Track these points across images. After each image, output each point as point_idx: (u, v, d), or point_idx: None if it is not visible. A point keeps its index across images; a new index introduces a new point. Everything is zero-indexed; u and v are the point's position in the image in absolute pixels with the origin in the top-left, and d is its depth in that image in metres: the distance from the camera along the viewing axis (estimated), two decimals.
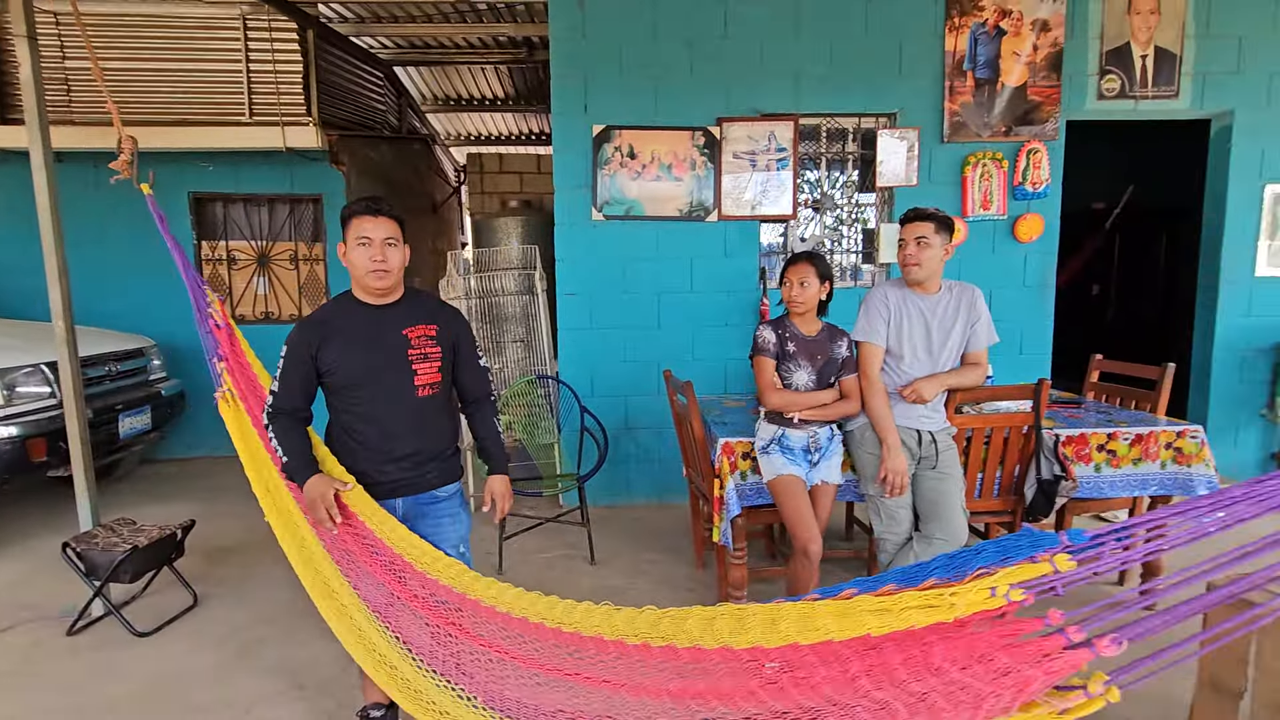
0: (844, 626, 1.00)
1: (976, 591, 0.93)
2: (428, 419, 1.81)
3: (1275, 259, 4.12)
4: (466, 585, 1.29)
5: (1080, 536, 0.95)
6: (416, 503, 1.83)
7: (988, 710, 0.89)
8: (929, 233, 2.27)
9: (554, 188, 3.89)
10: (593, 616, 1.15)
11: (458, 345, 1.88)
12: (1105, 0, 3.87)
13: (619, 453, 4.00)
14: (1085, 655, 0.87)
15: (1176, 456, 2.69)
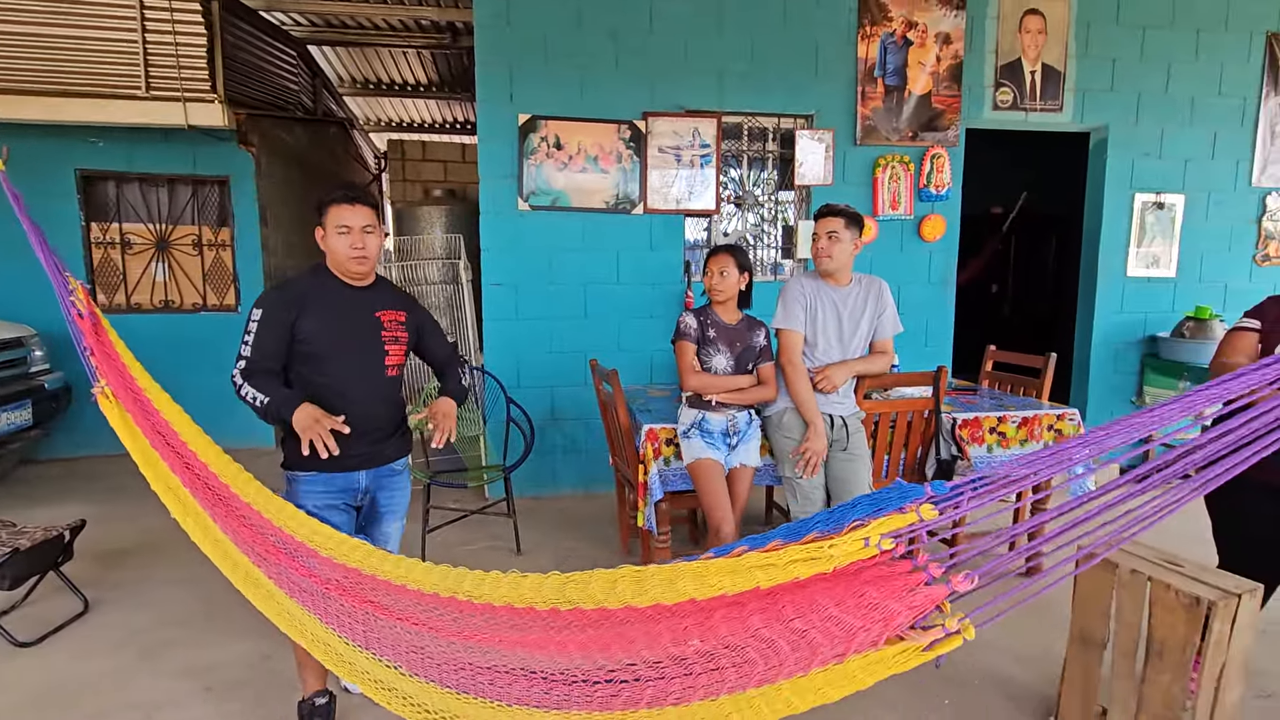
0: (736, 582, 1.07)
1: (851, 542, 1.02)
2: (390, 397, 1.94)
3: (1143, 262, 4.57)
4: (375, 566, 1.30)
5: (942, 488, 1.05)
6: (377, 475, 1.93)
7: (858, 643, 0.98)
8: (839, 228, 2.42)
9: (479, 177, 3.84)
10: (500, 587, 1.19)
11: (422, 329, 2.03)
12: (1000, 18, 4.17)
13: (545, 443, 4.00)
14: (943, 591, 0.97)
15: (1057, 437, 2.95)
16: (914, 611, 0.97)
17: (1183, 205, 4.51)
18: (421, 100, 7.19)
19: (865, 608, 0.99)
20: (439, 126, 8.06)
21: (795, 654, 1.01)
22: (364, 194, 1.82)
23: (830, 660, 1.00)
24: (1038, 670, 2.25)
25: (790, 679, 1.03)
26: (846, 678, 1.01)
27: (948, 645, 0.97)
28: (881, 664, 0.99)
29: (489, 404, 3.80)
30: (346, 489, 1.90)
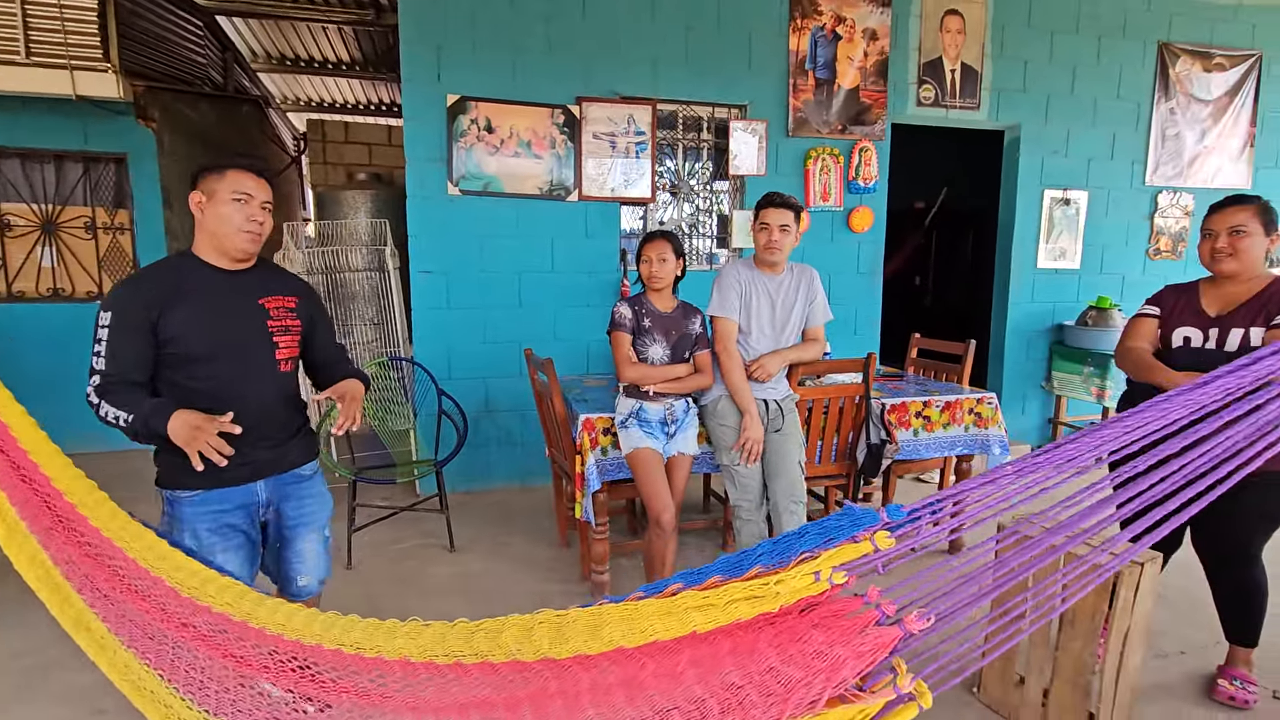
0: (669, 626, 0.92)
1: (800, 577, 0.90)
2: (288, 395, 1.73)
3: (1051, 255, 4.85)
4: (248, 611, 1.08)
5: (898, 513, 0.95)
6: (280, 483, 1.72)
7: (796, 701, 0.83)
8: (791, 221, 2.46)
9: (405, 159, 3.68)
10: (396, 637, 1.01)
11: (315, 322, 1.80)
12: (922, 17, 4.32)
13: (479, 436, 3.90)
14: (895, 633, 0.84)
15: (976, 421, 3.10)
16: (862, 660, 0.83)
17: (1086, 202, 4.81)
18: (344, 79, 6.84)
19: (808, 656, 0.85)
20: (363, 108, 7.70)
21: (725, 717, 0.86)
22: (268, 170, 1.62)
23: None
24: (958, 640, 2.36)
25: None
26: None
27: (901, 715, 0.83)
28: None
29: (419, 396, 3.66)
30: (244, 505, 1.65)
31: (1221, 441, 0.99)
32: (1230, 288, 1.98)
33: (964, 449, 3.10)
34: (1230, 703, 2.05)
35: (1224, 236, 1.93)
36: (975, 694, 2.10)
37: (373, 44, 5.86)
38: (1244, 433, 0.98)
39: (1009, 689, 2.00)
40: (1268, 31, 4.93)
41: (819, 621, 0.88)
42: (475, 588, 2.82)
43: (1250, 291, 1.94)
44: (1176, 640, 2.40)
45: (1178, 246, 5.05)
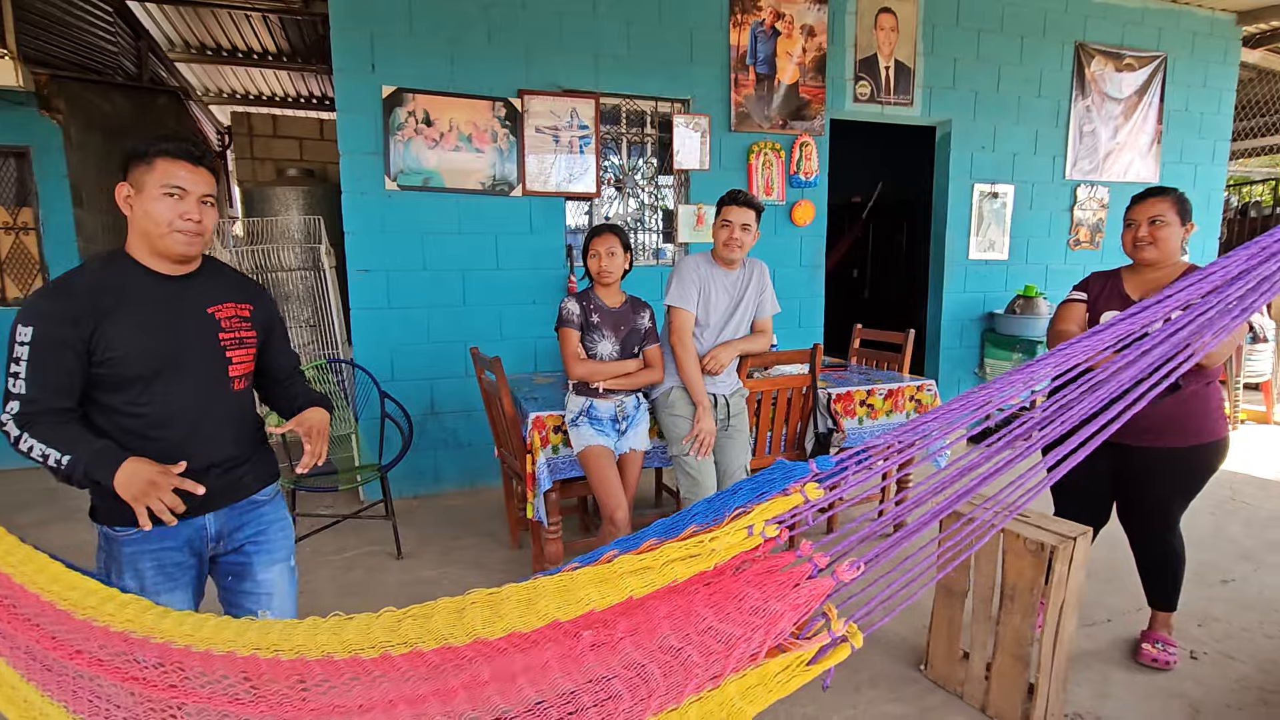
0: (605, 593, 0.92)
1: (734, 533, 0.91)
2: (243, 415, 1.51)
3: (981, 246, 5.05)
4: (150, 626, 1.00)
5: (827, 463, 0.98)
6: (233, 513, 1.50)
7: (738, 656, 0.85)
8: (753, 220, 2.49)
9: (339, 153, 3.54)
10: (318, 633, 0.95)
11: (271, 329, 1.58)
12: (857, 14, 4.42)
13: (425, 439, 3.80)
14: (828, 583, 0.88)
15: (917, 407, 3.20)
16: (797, 611, 0.86)
17: (1012, 195, 5.04)
18: (270, 70, 6.53)
19: (746, 613, 0.87)
20: (293, 100, 7.38)
21: (667, 680, 0.86)
22: (207, 156, 1.37)
23: (705, 684, 0.84)
24: (908, 622, 2.43)
25: (659, 714, 0.86)
26: (722, 708, 0.86)
27: (835, 656, 0.86)
28: (762, 685, 0.85)
29: (360, 400, 3.54)
30: (192, 540, 1.45)
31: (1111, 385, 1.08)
32: (1150, 274, 2.10)
33: None
34: (1153, 664, 2.18)
35: (1145, 226, 2.04)
36: (922, 671, 2.17)
37: (301, 34, 5.61)
38: (1130, 374, 1.06)
39: (954, 665, 2.07)
40: (1171, 36, 5.26)
41: (754, 579, 0.90)
42: (426, 594, 2.74)
43: (1168, 278, 2.07)
44: (1104, 609, 2.54)
45: (1095, 237, 5.34)
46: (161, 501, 1.26)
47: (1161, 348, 1.05)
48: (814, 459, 0.99)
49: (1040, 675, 1.87)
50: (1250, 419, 5.34)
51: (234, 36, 5.72)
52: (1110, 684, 2.12)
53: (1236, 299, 0.97)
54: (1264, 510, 3.55)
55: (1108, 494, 2.23)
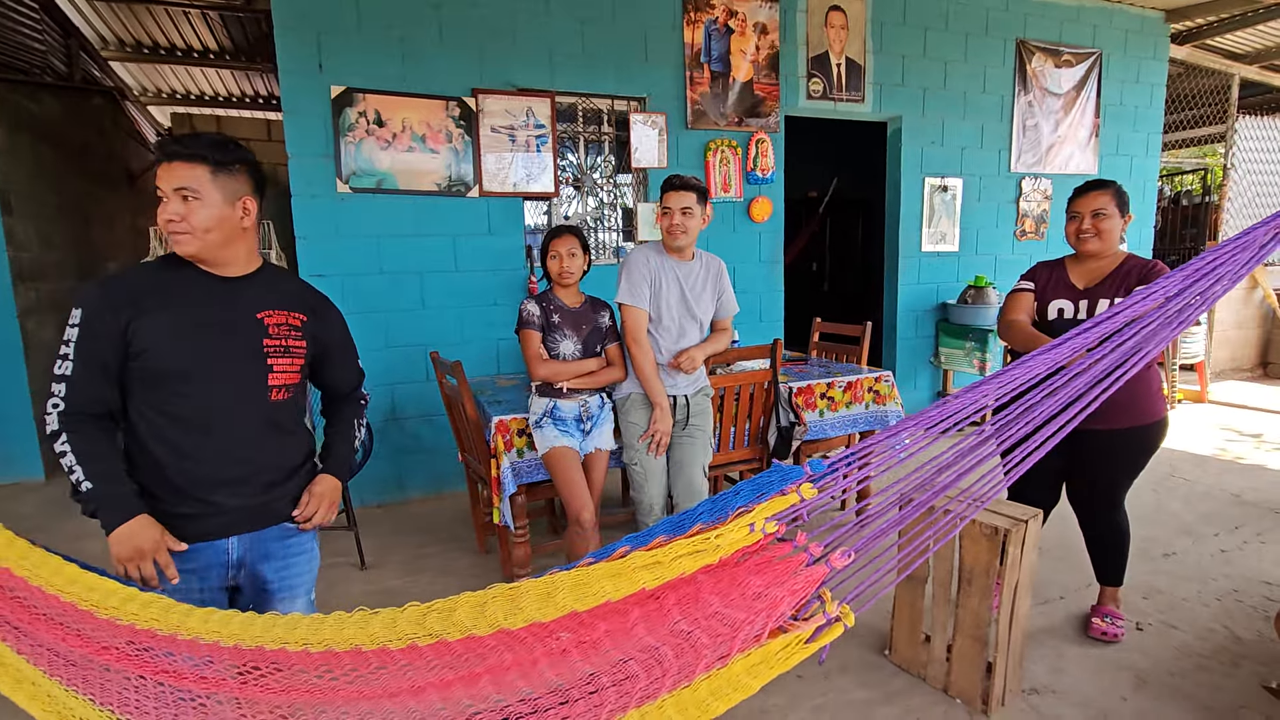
0: (619, 586, 0.98)
1: (737, 530, 0.99)
2: (280, 428, 1.43)
3: (933, 239, 5.19)
4: (177, 623, 1.02)
5: (819, 466, 1.06)
6: (260, 540, 1.42)
7: (743, 638, 0.93)
8: (693, 203, 2.37)
9: (288, 155, 3.44)
10: (345, 627, 0.99)
11: (328, 342, 1.53)
12: (808, 12, 4.49)
13: (387, 446, 3.73)
14: (822, 571, 0.97)
15: (876, 398, 3.27)
16: (796, 596, 0.96)
17: (961, 188, 5.18)
18: (213, 70, 6.30)
19: (749, 599, 0.96)
20: (239, 100, 7.13)
21: (679, 660, 0.94)
22: (181, 144, 1.30)
23: (714, 664, 0.93)
24: (872, 609, 2.49)
25: (673, 692, 0.95)
26: (731, 684, 0.95)
27: (830, 634, 0.97)
28: (765, 663, 0.94)
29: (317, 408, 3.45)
30: (210, 566, 1.38)
31: (1068, 390, 1.17)
32: (1093, 264, 2.19)
33: (865, 425, 3.27)
34: (1103, 637, 2.28)
35: (1088, 219, 2.13)
36: (886, 656, 2.23)
37: (244, 31, 5.43)
38: (1084, 380, 1.16)
39: (917, 648, 2.13)
40: (1105, 33, 5.48)
41: (756, 568, 1.00)
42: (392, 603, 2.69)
43: (1110, 267, 2.16)
44: (1056, 586, 2.65)
45: (1040, 228, 5.54)
46: (146, 570, 1.26)
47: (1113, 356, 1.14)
48: (808, 461, 1.07)
49: (998, 654, 1.94)
50: (1186, 398, 5.61)
51: (172, 34, 5.50)
52: (1064, 659, 2.21)
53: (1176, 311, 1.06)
54: (1200, 486, 3.74)
55: (1058, 476, 2.32)
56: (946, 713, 1.97)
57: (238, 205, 1.34)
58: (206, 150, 1.30)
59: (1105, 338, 1.17)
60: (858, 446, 1.12)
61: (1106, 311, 1.12)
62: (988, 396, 1.17)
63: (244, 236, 1.38)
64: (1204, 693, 2.03)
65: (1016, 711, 1.97)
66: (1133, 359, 1.12)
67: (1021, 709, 1.98)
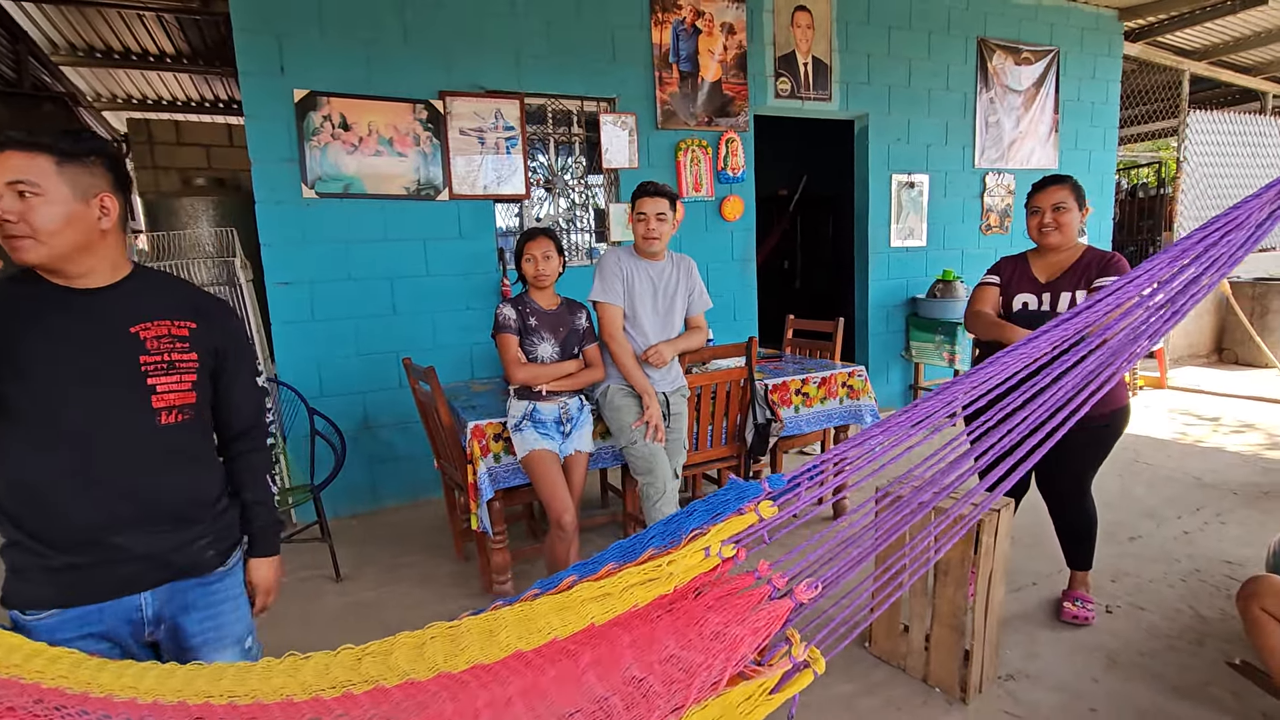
0: (567, 621, 0.90)
1: (691, 554, 0.92)
2: (184, 456, 1.25)
3: (901, 234, 5.27)
4: (87, 680, 0.92)
5: (779, 481, 0.98)
6: (179, 591, 1.25)
7: (700, 684, 0.83)
8: (666, 208, 2.47)
9: (250, 161, 3.37)
10: (274, 677, 0.91)
11: (224, 353, 1.30)
12: (774, 13, 4.52)
13: (360, 455, 3.67)
14: (787, 605, 0.87)
15: (849, 393, 3.31)
16: (758, 635, 0.86)
17: (927, 184, 5.27)
18: (170, 74, 6.14)
19: (707, 639, 0.86)
20: (198, 105, 6.96)
21: (630, 713, 0.84)
22: (25, 135, 1.11)
23: (669, 716, 0.82)
24: None
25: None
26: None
27: (799, 683, 0.85)
28: (725, 718, 0.82)
29: (287, 418, 3.38)
30: (121, 625, 1.21)
31: (1055, 393, 1.12)
32: (1054, 257, 2.24)
33: (840, 420, 3.31)
34: (1074, 621, 2.33)
35: (1049, 213, 2.18)
36: (866, 648, 2.25)
37: (202, 35, 5.30)
38: (1072, 383, 1.11)
39: (896, 639, 2.16)
40: (1061, 31, 5.62)
41: (714, 604, 0.90)
42: (369, 615, 2.66)
43: (1070, 260, 2.21)
44: (1029, 574, 2.70)
45: (1004, 221, 5.66)
46: None
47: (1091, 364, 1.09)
48: (766, 478, 0.99)
49: (974, 642, 1.97)
50: (1147, 385, 5.78)
51: (126, 38, 5.35)
52: (1038, 644, 2.26)
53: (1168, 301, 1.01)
54: (1163, 470, 3.85)
55: None
56: (926, 702, 2.00)
57: (93, 203, 1.14)
58: (50, 138, 1.11)
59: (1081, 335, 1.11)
60: (821, 457, 1.06)
61: (1085, 302, 1.09)
62: (961, 397, 1.14)
63: (107, 240, 1.18)
64: (1172, 671, 2.09)
65: (993, 698, 2.00)
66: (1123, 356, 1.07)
67: (998, 695, 2.01)
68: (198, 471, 1.28)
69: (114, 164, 1.19)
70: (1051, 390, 1.13)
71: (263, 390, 1.41)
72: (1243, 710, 1.91)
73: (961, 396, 1.16)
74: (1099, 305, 1.06)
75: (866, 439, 1.10)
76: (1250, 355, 6.54)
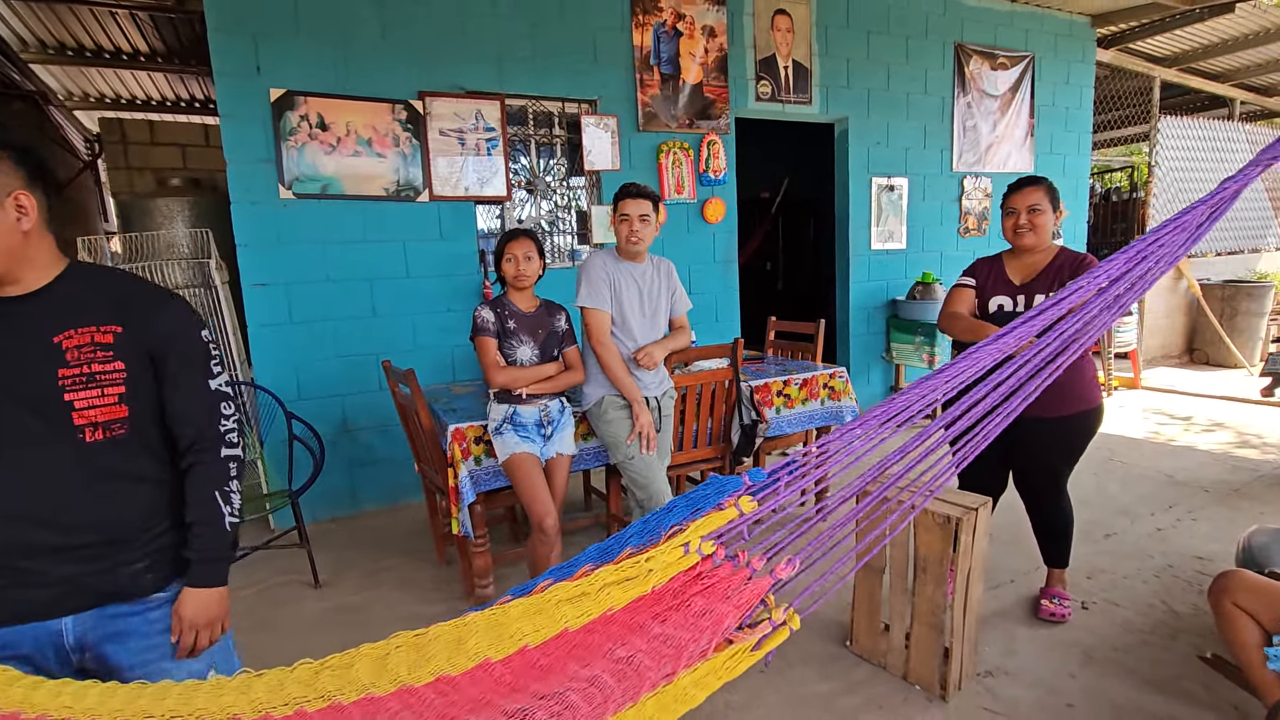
0: (539, 625, 0.90)
1: (670, 551, 0.92)
2: (113, 476, 1.15)
3: (882, 237, 5.32)
4: (19, 699, 0.88)
5: (759, 475, 0.99)
6: (106, 618, 1.16)
7: (689, 656, 0.87)
8: (650, 210, 2.46)
9: (226, 161, 3.32)
10: (224, 695, 0.87)
11: (159, 357, 1.18)
12: (755, 16, 4.55)
13: (339, 459, 3.62)
14: (767, 582, 0.92)
15: (831, 394, 3.33)
16: (741, 610, 0.90)
17: (907, 187, 5.33)
18: (144, 72, 6.03)
19: (693, 617, 0.90)
20: (174, 104, 6.84)
21: (622, 685, 0.86)
22: None
23: (660, 682, 0.86)
24: (832, 601, 2.53)
25: (617, 714, 0.86)
26: (678, 698, 0.88)
27: (775, 640, 0.92)
28: (712, 674, 0.88)
29: (265, 423, 3.33)
30: (43, 648, 1.13)
31: (1012, 380, 1.18)
32: (1028, 259, 2.27)
33: (822, 421, 3.32)
34: (1051, 618, 2.36)
35: (1024, 214, 2.21)
36: (848, 647, 2.26)
37: (177, 33, 5.22)
38: (1028, 368, 1.17)
39: (876, 637, 2.17)
40: (1036, 37, 5.71)
41: (697, 586, 0.93)
42: (348, 621, 2.62)
43: (1044, 261, 2.24)
44: (1007, 571, 2.74)
45: (982, 224, 5.73)
46: None
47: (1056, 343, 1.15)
48: (746, 472, 1.00)
49: (954, 640, 1.99)
50: (1122, 385, 5.88)
51: (98, 36, 5.25)
52: (1015, 640, 2.28)
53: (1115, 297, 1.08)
54: (1137, 468, 3.92)
55: (1003, 465, 2.40)
56: (906, 699, 2.01)
57: (7, 204, 1.06)
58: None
59: (1049, 325, 1.17)
60: (800, 452, 1.08)
61: (1050, 300, 1.13)
62: (935, 391, 1.18)
63: (29, 242, 1.10)
64: (1145, 666, 2.12)
65: (972, 694, 2.02)
66: (1074, 345, 1.14)
67: (977, 692, 2.03)
68: (134, 490, 1.18)
69: (24, 156, 1.10)
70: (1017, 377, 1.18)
71: (217, 395, 1.26)
72: (1214, 703, 1.94)
73: (938, 391, 1.19)
74: (1063, 303, 1.12)
75: (845, 433, 1.13)
76: (1220, 356, 6.68)
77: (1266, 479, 3.67)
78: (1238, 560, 1.98)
